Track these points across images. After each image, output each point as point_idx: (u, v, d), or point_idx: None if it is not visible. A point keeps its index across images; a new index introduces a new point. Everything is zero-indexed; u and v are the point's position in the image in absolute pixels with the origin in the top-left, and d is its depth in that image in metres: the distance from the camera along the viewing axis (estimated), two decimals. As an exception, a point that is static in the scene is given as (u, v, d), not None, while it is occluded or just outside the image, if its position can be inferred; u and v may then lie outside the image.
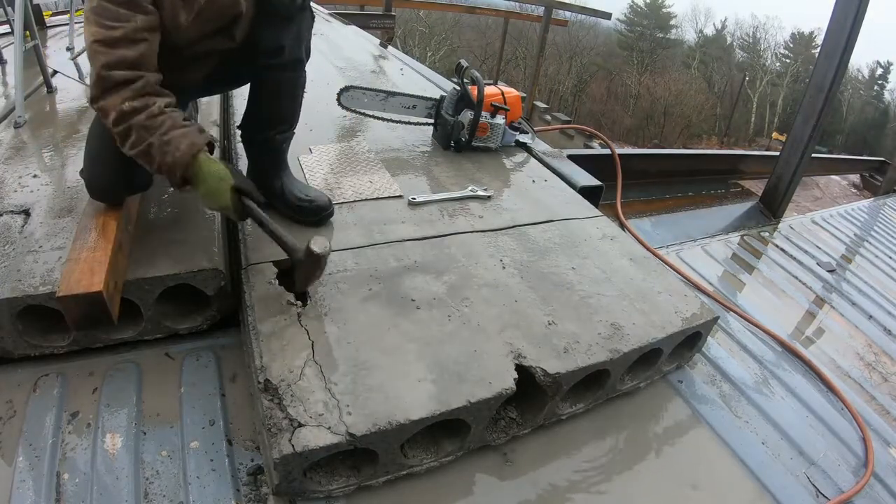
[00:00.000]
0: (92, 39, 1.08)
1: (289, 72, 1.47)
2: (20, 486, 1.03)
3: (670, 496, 1.24)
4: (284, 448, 0.98)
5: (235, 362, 1.37)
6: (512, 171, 2.22)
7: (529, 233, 1.75)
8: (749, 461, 1.36)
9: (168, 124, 1.14)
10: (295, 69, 1.47)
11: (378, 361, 1.18)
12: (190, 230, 1.48)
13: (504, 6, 11.23)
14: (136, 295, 1.30)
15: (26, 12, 2.32)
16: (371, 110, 2.32)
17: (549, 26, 8.53)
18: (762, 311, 2.14)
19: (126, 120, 1.11)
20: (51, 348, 1.30)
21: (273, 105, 1.53)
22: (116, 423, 1.17)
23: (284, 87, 1.50)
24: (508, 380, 1.19)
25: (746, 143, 29.08)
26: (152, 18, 1.12)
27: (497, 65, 11.92)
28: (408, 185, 1.92)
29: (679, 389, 1.55)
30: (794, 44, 33.30)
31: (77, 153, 1.84)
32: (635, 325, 1.41)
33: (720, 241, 2.68)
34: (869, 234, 3.53)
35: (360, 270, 1.45)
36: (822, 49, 2.86)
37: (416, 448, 1.17)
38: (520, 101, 2.47)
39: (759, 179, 3.84)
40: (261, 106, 1.53)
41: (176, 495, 1.05)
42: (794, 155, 3.01)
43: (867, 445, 1.55)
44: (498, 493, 1.17)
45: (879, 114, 32.88)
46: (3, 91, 2.55)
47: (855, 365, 2.03)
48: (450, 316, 1.34)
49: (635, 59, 32.65)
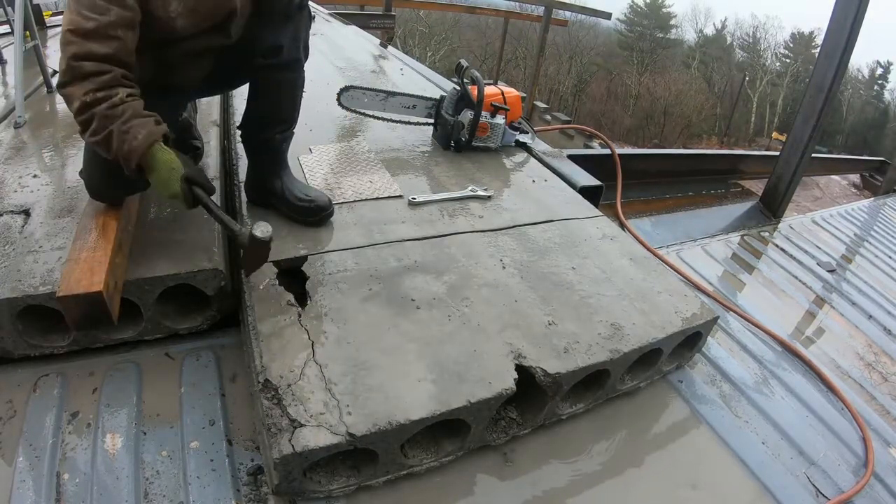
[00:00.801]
0: (66, 27, 1.09)
1: (287, 72, 1.46)
2: (20, 486, 1.03)
3: (670, 496, 1.24)
4: (284, 448, 0.98)
5: (235, 362, 1.37)
6: (512, 171, 2.22)
7: (529, 233, 1.75)
8: (749, 461, 1.36)
9: (129, 113, 1.14)
10: (293, 69, 1.47)
11: (378, 361, 1.18)
12: (190, 230, 1.48)
13: (504, 6, 11.23)
14: (136, 295, 1.30)
15: (26, 12, 2.32)
16: (371, 110, 2.32)
17: (549, 26, 8.53)
18: (762, 311, 2.14)
19: (89, 109, 1.12)
20: (51, 348, 1.30)
21: (272, 105, 1.53)
22: (116, 423, 1.17)
23: (283, 87, 1.50)
24: (508, 380, 1.19)
25: (746, 143, 29.08)
26: (129, 15, 1.11)
27: (497, 65, 11.92)
28: (408, 185, 1.92)
29: (679, 389, 1.55)
30: (794, 44, 33.31)
31: (77, 153, 1.84)
32: (635, 325, 1.41)
33: (720, 241, 2.68)
34: (869, 234, 3.53)
35: (360, 270, 1.45)
36: (822, 49, 2.86)
37: (416, 448, 1.17)
38: (520, 101, 2.47)
39: (759, 179, 3.84)
40: (260, 106, 1.53)
41: (176, 495, 1.05)
42: (794, 155, 3.01)
43: (867, 445, 1.55)
44: (498, 493, 1.17)
45: (879, 114, 32.89)
46: (3, 91, 2.55)
47: (855, 365, 2.03)
48: (450, 316, 1.34)
49: (635, 59, 32.66)
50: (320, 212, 1.59)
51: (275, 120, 1.55)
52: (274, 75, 1.46)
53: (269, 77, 1.46)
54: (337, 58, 3.67)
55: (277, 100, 1.52)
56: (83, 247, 1.25)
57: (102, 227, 1.32)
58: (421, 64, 4.21)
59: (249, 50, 1.36)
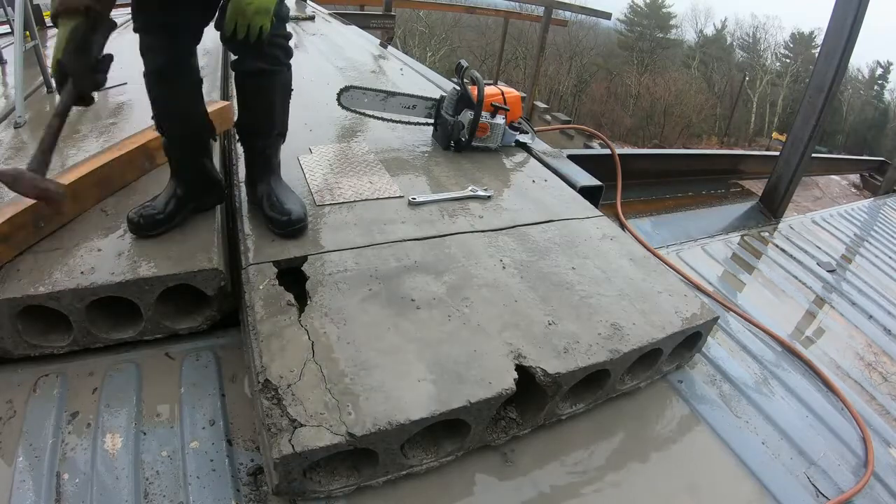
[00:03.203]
0: None
1: (254, 78, 1.45)
2: (20, 486, 1.03)
3: (670, 496, 1.24)
4: (284, 448, 0.98)
5: (235, 362, 1.37)
6: (512, 171, 2.22)
7: (529, 233, 1.75)
8: (749, 461, 1.36)
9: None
10: (256, 77, 1.44)
11: (378, 361, 1.18)
12: (190, 230, 1.48)
13: (504, 6, 11.22)
14: (135, 295, 1.30)
15: (26, 12, 2.32)
16: (371, 110, 2.32)
17: (549, 26, 8.52)
18: (762, 311, 2.14)
19: None
20: (51, 348, 1.30)
21: (249, 111, 1.53)
22: (116, 423, 1.17)
23: (258, 94, 1.50)
24: (508, 380, 1.19)
25: (746, 143, 29.08)
26: None
27: (497, 65, 11.92)
28: (408, 185, 1.92)
29: (679, 389, 1.55)
30: (794, 44, 33.31)
31: (77, 153, 1.84)
32: (635, 325, 1.41)
33: (720, 241, 2.68)
34: (869, 234, 3.53)
35: (360, 270, 1.45)
36: (822, 49, 2.85)
37: (416, 448, 1.17)
38: (520, 101, 2.47)
39: (759, 179, 3.83)
40: (242, 109, 1.54)
41: (176, 495, 1.05)
42: (794, 155, 3.01)
43: (867, 445, 1.55)
44: (498, 493, 1.17)
45: (879, 114, 32.89)
46: (3, 91, 2.55)
47: (855, 365, 2.03)
48: (450, 316, 1.34)
49: (635, 59, 32.66)
50: (288, 226, 1.53)
51: (253, 126, 1.56)
52: (246, 81, 1.46)
53: (242, 84, 1.47)
54: (337, 58, 3.67)
55: (254, 106, 1.52)
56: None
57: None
58: (421, 64, 4.21)
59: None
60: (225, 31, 1.28)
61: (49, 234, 1.41)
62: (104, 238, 1.43)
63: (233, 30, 1.26)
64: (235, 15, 1.24)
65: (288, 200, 1.58)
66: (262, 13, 1.24)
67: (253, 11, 1.22)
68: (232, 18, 1.25)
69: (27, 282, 1.24)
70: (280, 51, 1.44)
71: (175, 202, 1.48)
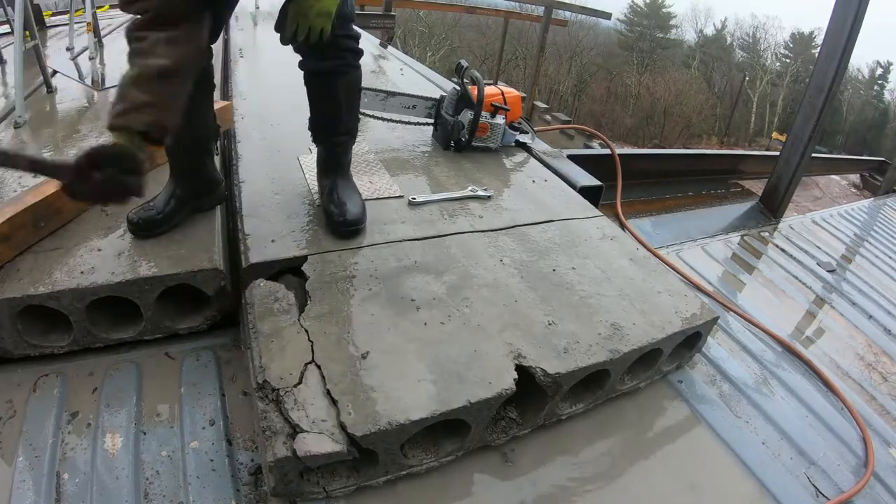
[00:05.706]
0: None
1: (318, 78, 1.49)
2: (20, 486, 1.03)
3: (670, 496, 1.24)
4: (279, 451, 0.97)
5: (235, 362, 1.37)
6: (512, 171, 2.22)
7: (529, 233, 1.75)
8: (749, 461, 1.36)
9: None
10: (321, 77, 1.48)
11: (378, 361, 1.18)
12: (190, 230, 1.48)
13: (504, 6, 11.21)
14: (136, 295, 1.30)
15: (26, 12, 2.32)
16: (371, 110, 2.32)
17: (549, 26, 8.52)
18: (762, 311, 2.14)
19: None
20: (51, 348, 1.30)
21: (315, 109, 1.58)
22: (116, 423, 1.17)
23: (324, 92, 1.54)
24: (508, 380, 1.18)
25: (746, 143, 29.08)
26: None
27: (497, 65, 11.91)
28: (408, 185, 1.92)
29: (679, 389, 1.55)
30: (794, 44, 33.30)
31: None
32: (635, 325, 1.41)
33: (720, 241, 2.68)
34: (869, 234, 3.53)
35: (360, 270, 1.45)
36: (822, 49, 2.85)
37: (416, 448, 1.17)
38: (520, 101, 2.47)
39: (759, 179, 3.83)
40: (310, 106, 1.59)
41: (176, 495, 1.05)
42: (794, 155, 3.01)
43: (867, 445, 1.55)
44: (498, 493, 1.17)
45: (879, 114, 32.90)
46: (3, 91, 2.55)
47: (855, 365, 2.03)
48: (450, 316, 1.34)
49: (635, 59, 32.65)
50: (343, 226, 1.55)
51: (321, 125, 1.61)
52: (310, 81, 1.51)
53: (308, 83, 1.52)
54: (337, 58, 3.67)
55: (319, 105, 1.57)
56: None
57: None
58: (421, 64, 4.21)
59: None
60: (286, 32, 1.29)
61: (49, 234, 1.41)
62: (104, 238, 1.43)
63: (294, 31, 1.27)
64: (297, 17, 1.25)
65: (349, 200, 1.60)
66: (323, 16, 1.25)
67: (315, 14, 1.23)
68: (294, 20, 1.26)
69: (27, 282, 1.24)
70: (347, 52, 1.47)
71: (175, 202, 1.48)
